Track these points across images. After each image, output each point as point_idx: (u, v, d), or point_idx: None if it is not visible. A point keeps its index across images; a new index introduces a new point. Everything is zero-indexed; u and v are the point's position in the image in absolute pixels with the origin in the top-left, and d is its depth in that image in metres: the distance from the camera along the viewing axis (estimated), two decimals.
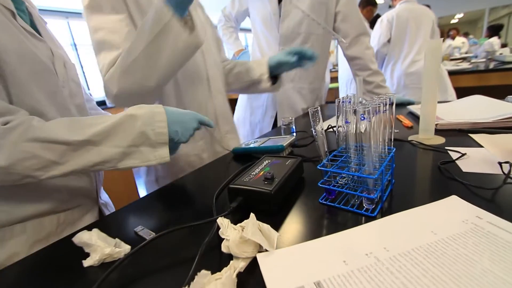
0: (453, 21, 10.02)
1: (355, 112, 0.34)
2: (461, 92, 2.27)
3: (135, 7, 0.62)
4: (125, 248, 0.35)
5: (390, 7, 2.37)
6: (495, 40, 4.18)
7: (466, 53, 5.38)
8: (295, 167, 0.47)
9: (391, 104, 0.39)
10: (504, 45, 5.11)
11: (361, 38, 1.09)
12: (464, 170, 0.45)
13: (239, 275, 0.28)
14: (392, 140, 0.42)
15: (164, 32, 0.54)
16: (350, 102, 0.41)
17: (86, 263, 0.33)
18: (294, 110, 1.21)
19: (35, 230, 0.49)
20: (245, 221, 0.33)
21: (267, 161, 0.50)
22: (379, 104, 0.34)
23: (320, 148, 0.39)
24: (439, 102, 0.95)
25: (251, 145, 0.67)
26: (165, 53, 0.56)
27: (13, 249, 0.47)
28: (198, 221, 0.37)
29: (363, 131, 0.34)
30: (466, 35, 7.04)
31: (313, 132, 0.38)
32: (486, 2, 7.41)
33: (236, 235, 0.30)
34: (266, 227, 0.32)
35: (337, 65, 3.15)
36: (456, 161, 0.49)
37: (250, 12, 1.21)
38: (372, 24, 2.83)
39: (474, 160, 0.49)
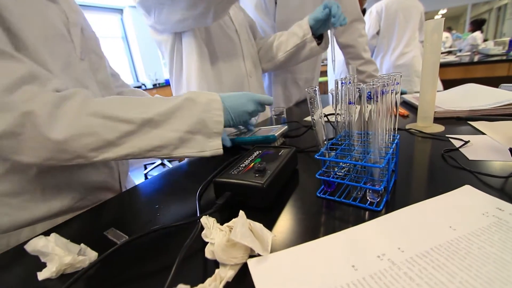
0: (436, 17, 10.26)
1: (359, 91, 0.29)
2: (448, 84, 2.29)
3: None
4: (91, 255, 0.30)
5: None
6: (478, 35, 4.27)
7: (450, 47, 5.50)
8: (289, 157, 0.43)
9: (398, 84, 0.34)
10: (485, 40, 5.25)
11: (354, 24, 1.05)
12: (470, 158, 0.42)
13: (226, 286, 0.23)
14: (397, 127, 0.38)
15: None
16: (350, 82, 0.36)
17: (41, 275, 0.28)
18: (289, 100, 1.17)
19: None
20: (233, 220, 0.28)
21: (257, 152, 0.45)
22: (386, 82, 0.30)
23: (318, 135, 0.34)
24: None
25: (240, 136, 0.62)
26: None
27: None
28: (179, 221, 0.31)
29: (368, 115, 0.29)
30: (449, 29, 7.20)
31: (311, 117, 0.33)
32: None
33: (223, 237, 0.25)
34: (259, 226, 0.27)
35: (326, 59, 3.14)
36: (460, 149, 0.46)
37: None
38: None
39: (479, 147, 0.46)
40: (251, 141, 0.57)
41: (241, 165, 0.40)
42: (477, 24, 4.46)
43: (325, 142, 0.36)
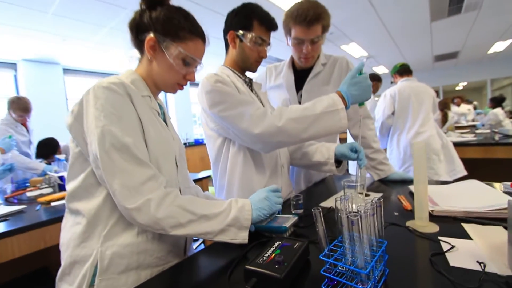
0: (458, 88, 10.53)
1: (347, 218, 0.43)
2: (469, 164, 2.33)
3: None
4: None
5: (392, 83, 2.62)
6: (499, 111, 4.36)
7: (472, 120, 5.56)
8: (302, 250, 0.55)
9: (380, 207, 0.48)
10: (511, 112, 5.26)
11: (364, 120, 1.25)
12: (451, 264, 0.51)
13: None
14: (383, 233, 0.50)
15: (332, 113, 0.81)
16: (347, 199, 0.51)
17: None
18: (308, 181, 1.31)
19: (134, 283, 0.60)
20: None
21: (277, 243, 0.58)
22: (369, 209, 0.44)
23: (321, 240, 0.47)
24: (441, 182, 1.03)
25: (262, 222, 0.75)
26: (321, 124, 0.81)
27: None
28: None
29: (355, 232, 0.43)
30: (468, 102, 7.34)
31: (316, 228, 0.47)
32: (487, 73, 7.87)
33: None
34: None
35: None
36: (446, 253, 0.55)
37: (268, 97, 1.40)
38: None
39: (462, 253, 0.55)
40: (267, 230, 0.71)
41: (265, 255, 0.53)
42: (497, 101, 4.59)
43: (327, 243, 0.49)
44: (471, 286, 0.44)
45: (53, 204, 1.44)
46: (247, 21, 0.93)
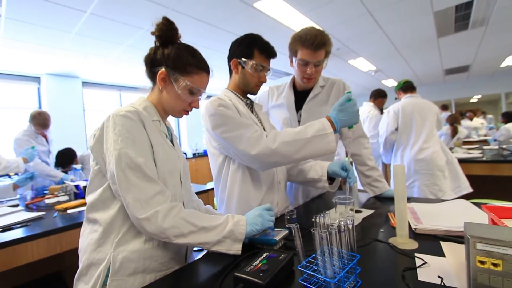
0: (472, 101, 10.28)
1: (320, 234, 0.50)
2: (476, 181, 2.32)
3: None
4: None
5: (396, 99, 2.66)
6: (511, 126, 4.28)
7: (485, 135, 5.45)
8: (287, 261, 0.62)
9: (351, 225, 0.55)
10: None
11: (359, 139, 1.32)
12: (419, 279, 0.57)
13: None
14: (355, 248, 0.57)
15: (322, 136, 0.90)
16: (326, 216, 0.58)
17: None
18: (306, 196, 1.37)
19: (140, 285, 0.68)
20: None
21: (265, 254, 0.65)
22: (341, 226, 0.51)
23: (299, 253, 0.54)
24: (436, 200, 1.07)
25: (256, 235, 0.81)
26: (312, 147, 0.90)
27: None
28: None
29: (325, 249, 0.50)
30: (484, 113, 7.18)
31: (294, 242, 0.54)
32: (500, 87, 7.72)
33: None
34: None
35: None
36: (418, 269, 0.61)
37: (269, 115, 1.48)
38: (381, 111, 3.19)
39: (433, 269, 0.60)
40: (259, 242, 0.78)
41: (253, 264, 0.61)
42: (509, 116, 4.50)
43: (305, 256, 0.55)
44: None
45: (69, 211, 1.55)
46: (249, 50, 1.04)
